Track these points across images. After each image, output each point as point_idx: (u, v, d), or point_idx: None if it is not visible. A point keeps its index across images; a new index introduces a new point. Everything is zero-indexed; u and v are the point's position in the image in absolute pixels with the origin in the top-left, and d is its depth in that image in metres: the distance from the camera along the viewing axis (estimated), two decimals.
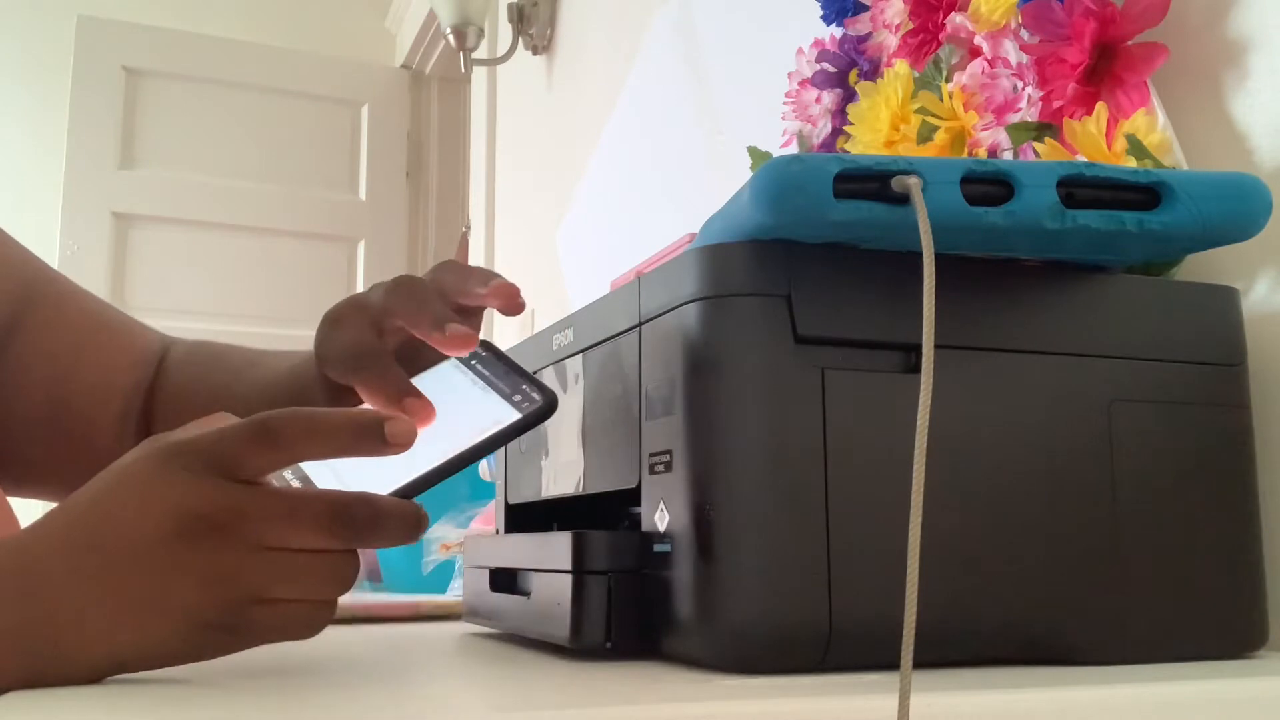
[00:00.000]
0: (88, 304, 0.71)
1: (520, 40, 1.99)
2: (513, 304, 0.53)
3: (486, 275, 0.55)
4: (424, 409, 0.49)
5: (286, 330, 2.76)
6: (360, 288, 3.00)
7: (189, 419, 0.47)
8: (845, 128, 0.88)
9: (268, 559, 0.40)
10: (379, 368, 0.51)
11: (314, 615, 0.41)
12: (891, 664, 0.34)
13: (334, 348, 0.55)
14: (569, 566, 0.46)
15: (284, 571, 0.40)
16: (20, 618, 0.38)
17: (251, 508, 0.40)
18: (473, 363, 0.52)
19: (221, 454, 0.40)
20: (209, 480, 0.40)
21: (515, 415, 0.47)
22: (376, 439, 0.42)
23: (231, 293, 2.83)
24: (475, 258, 2.31)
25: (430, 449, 0.46)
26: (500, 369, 0.51)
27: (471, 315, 0.57)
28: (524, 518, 0.65)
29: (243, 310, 2.82)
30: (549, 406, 0.47)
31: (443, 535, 1.14)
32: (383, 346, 0.54)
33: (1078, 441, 0.47)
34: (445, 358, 0.53)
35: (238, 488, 0.40)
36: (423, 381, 0.52)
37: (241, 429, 0.41)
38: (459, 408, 0.50)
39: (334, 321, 0.55)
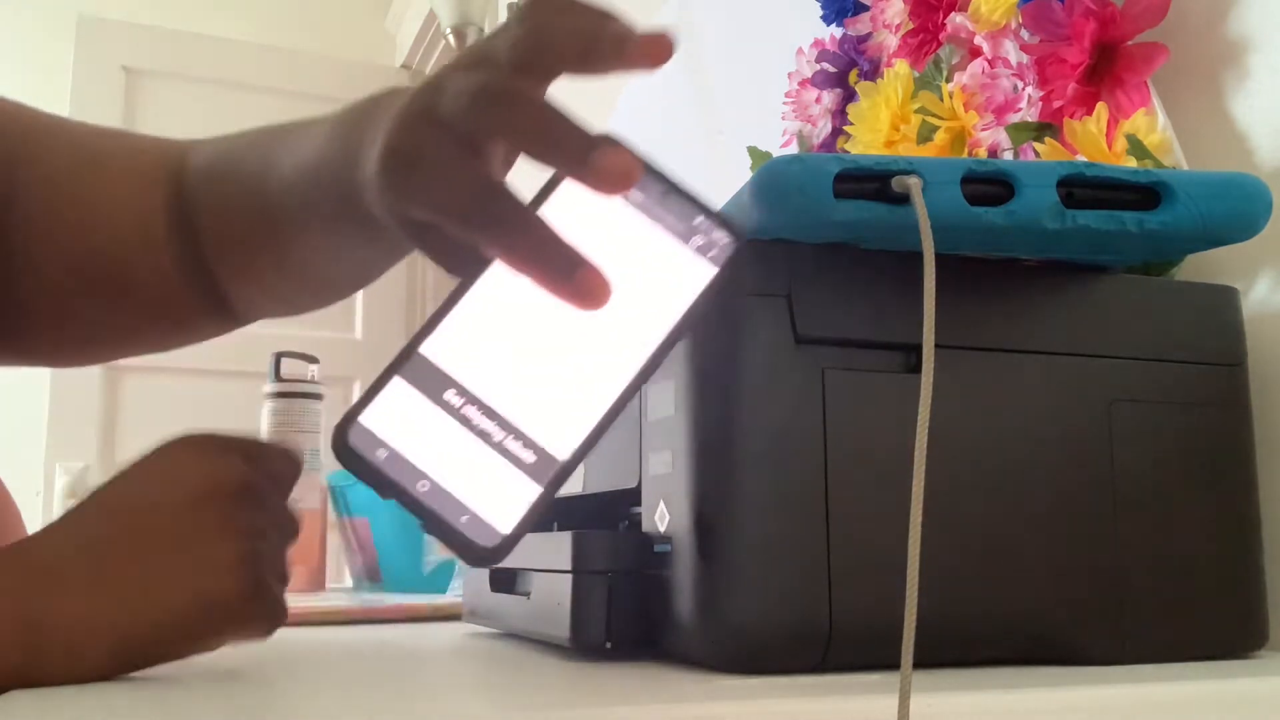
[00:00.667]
0: (77, 131, 0.61)
1: None
2: (663, 53, 0.39)
3: (601, 18, 0.39)
4: (600, 284, 0.35)
5: (289, 330, 2.76)
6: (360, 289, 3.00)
7: (237, 234, 0.50)
8: (845, 128, 0.88)
9: (278, 535, 0.43)
10: (513, 220, 0.36)
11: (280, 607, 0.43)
12: (892, 664, 0.34)
13: (418, 187, 0.38)
14: (569, 566, 0.46)
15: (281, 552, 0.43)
16: (24, 611, 0.39)
17: (267, 486, 0.43)
18: None
19: (246, 444, 0.44)
20: (235, 458, 0.43)
21: (709, 269, 0.37)
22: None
23: None
24: None
25: (622, 331, 0.35)
26: (656, 186, 0.38)
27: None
28: None
29: None
30: (742, 247, 0.37)
31: None
32: (502, 183, 0.37)
33: (1078, 441, 0.47)
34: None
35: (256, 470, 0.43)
36: (562, 219, 0.37)
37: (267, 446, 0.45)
38: (633, 262, 0.36)
39: (405, 156, 0.38)
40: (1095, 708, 0.39)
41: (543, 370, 0.36)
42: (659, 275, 0.37)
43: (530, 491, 0.35)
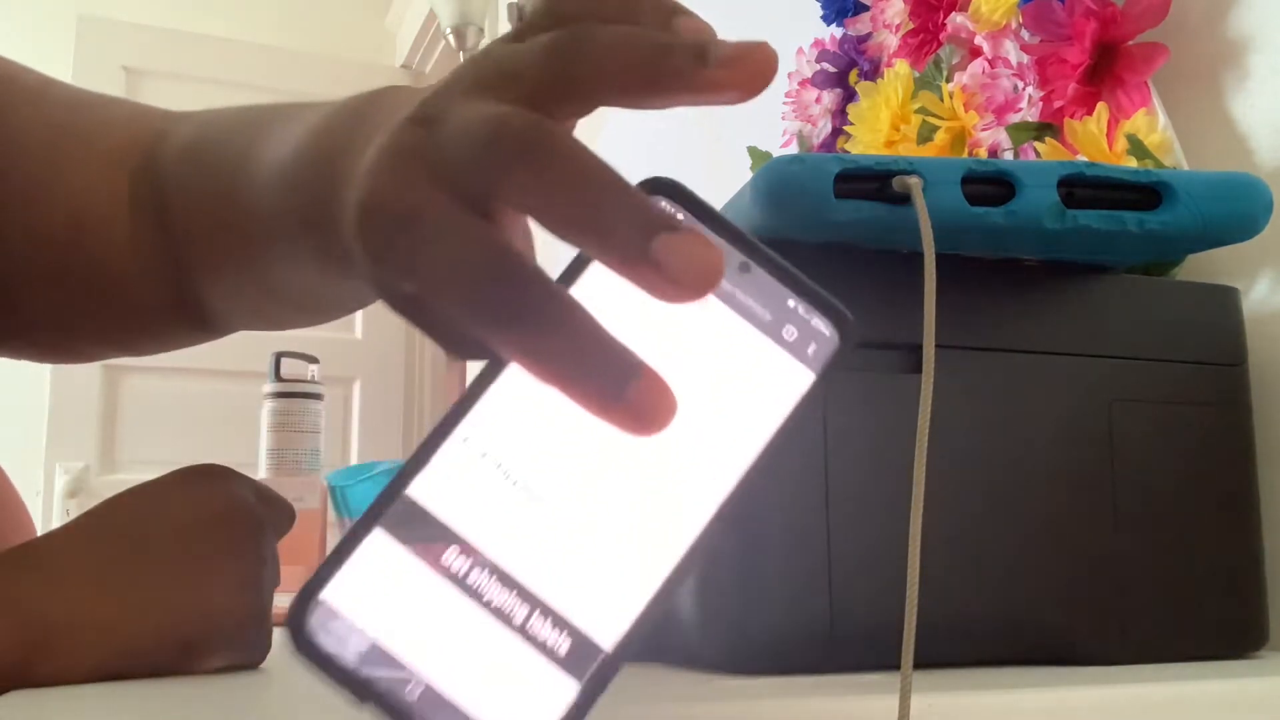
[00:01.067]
0: (51, 109, 0.53)
1: None
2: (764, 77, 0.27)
3: (672, 13, 0.29)
4: (662, 400, 0.24)
5: (289, 332, 2.76)
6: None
7: (205, 233, 0.44)
8: (845, 128, 0.88)
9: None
10: (538, 311, 0.24)
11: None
12: (892, 664, 0.34)
13: (404, 258, 0.26)
14: None
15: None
16: (24, 609, 0.38)
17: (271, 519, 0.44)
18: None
19: (254, 483, 0.45)
20: (248, 491, 0.44)
21: (805, 374, 0.27)
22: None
23: None
24: None
25: (690, 464, 0.26)
26: (735, 257, 0.27)
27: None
28: None
29: None
30: (851, 334, 0.27)
31: None
32: (522, 257, 0.25)
33: (1078, 441, 0.47)
34: None
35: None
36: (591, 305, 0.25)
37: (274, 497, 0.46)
38: (692, 370, 0.26)
39: (389, 215, 0.26)
40: (1095, 708, 0.39)
41: (583, 522, 0.25)
42: (737, 383, 0.27)
43: (565, 691, 0.24)
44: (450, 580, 0.24)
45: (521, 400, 0.26)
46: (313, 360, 1.28)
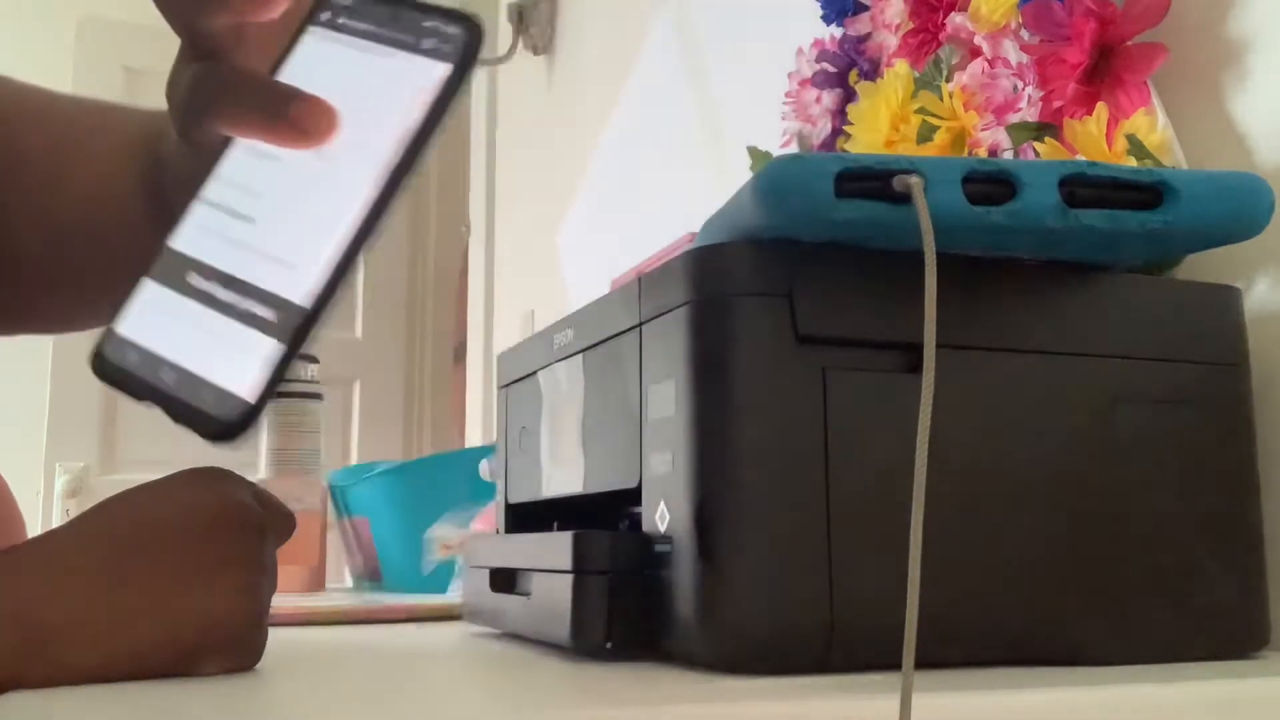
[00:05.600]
0: (55, 117, 0.62)
1: (520, 40, 1.99)
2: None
3: None
4: (320, 108, 0.35)
5: None
6: (361, 287, 3.00)
7: None
8: (845, 128, 0.88)
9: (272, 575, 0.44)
10: (238, 88, 0.38)
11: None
12: (893, 664, 0.34)
13: (178, 100, 0.43)
14: (569, 567, 0.46)
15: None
16: (18, 607, 0.38)
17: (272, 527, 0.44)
18: (340, 20, 0.38)
19: (256, 488, 0.45)
20: (250, 496, 0.44)
21: (442, 66, 0.35)
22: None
23: None
24: (475, 258, 2.31)
25: (356, 162, 0.34)
26: (380, 12, 0.37)
27: None
28: (524, 518, 0.65)
29: None
30: (475, 35, 0.35)
31: (443, 535, 1.14)
32: (229, 60, 0.41)
33: (1078, 441, 0.47)
34: (298, 29, 0.39)
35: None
36: (293, 74, 0.38)
37: None
38: (360, 92, 0.36)
39: (170, 84, 0.45)
40: (1095, 708, 0.39)
41: (281, 224, 0.35)
42: (390, 94, 0.35)
43: (273, 351, 0.33)
44: (192, 296, 0.35)
45: (238, 164, 0.37)
46: (313, 360, 1.27)
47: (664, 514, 0.45)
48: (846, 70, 0.92)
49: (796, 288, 0.43)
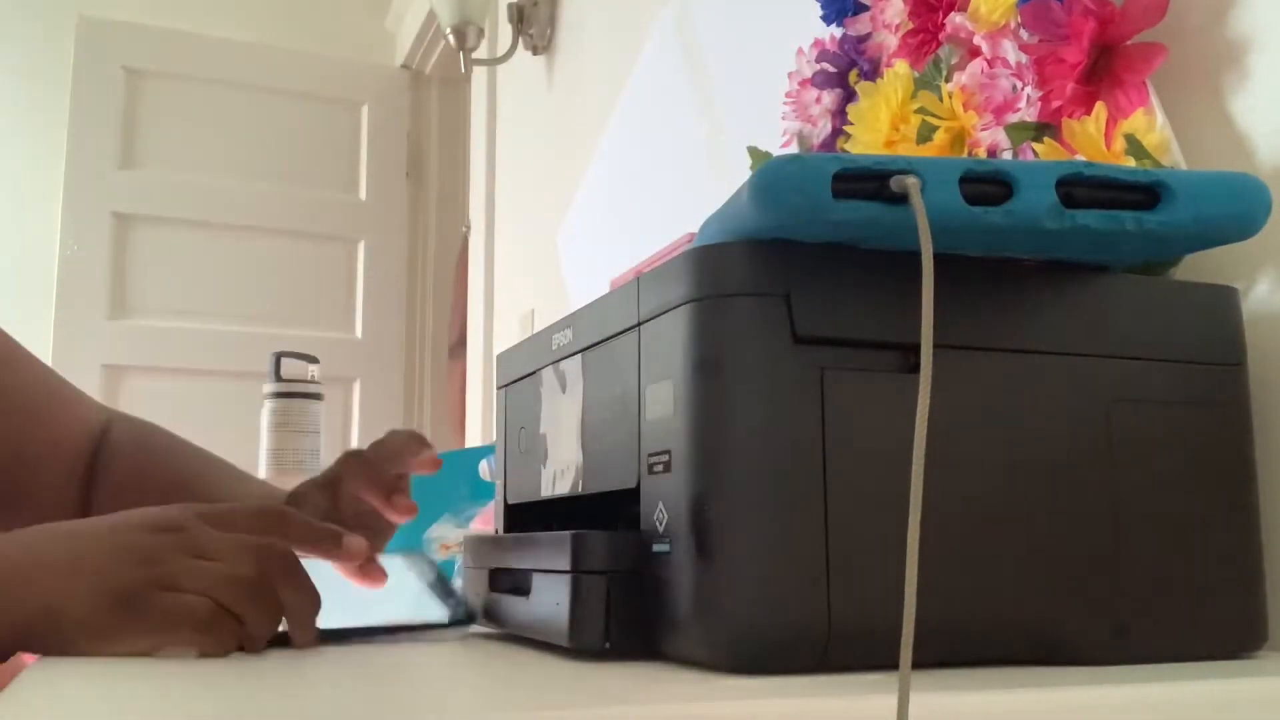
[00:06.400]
0: (36, 369, 0.79)
1: (520, 40, 1.99)
2: (432, 468, 0.72)
3: (416, 445, 0.71)
4: (379, 571, 0.60)
5: (286, 330, 2.76)
6: (360, 288, 3.00)
7: (135, 503, 0.57)
8: (845, 128, 0.88)
9: (192, 562, 0.48)
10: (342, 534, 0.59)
11: (214, 617, 0.47)
12: (891, 664, 0.34)
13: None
14: (568, 567, 0.46)
15: (195, 570, 0.48)
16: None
17: (206, 536, 0.50)
18: (420, 566, 0.64)
19: (222, 515, 0.53)
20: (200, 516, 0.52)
21: (444, 614, 0.61)
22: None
23: (231, 293, 2.83)
24: (475, 258, 2.31)
25: (373, 609, 0.58)
26: (438, 582, 0.64)
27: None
28: (524, 518, 0.65)
29: (243, 310, 2.82)
30: (469, 618, 0.61)
31: (443, 535, 1.14)
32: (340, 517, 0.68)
33: (1078, 441, 0.47)
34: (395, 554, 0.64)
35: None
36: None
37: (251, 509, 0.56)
38: (402, 592, 0.61)
39: (298, 497, 0.69)
40: (1095, 708, 0.39)
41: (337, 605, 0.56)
42: (416, 603, 0.63)
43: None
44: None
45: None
46: (313, 360, 1.28)
47: (662, 514, 0.45)
48: (846, 70, 0.92)
49: (794, 288, 0.43)
